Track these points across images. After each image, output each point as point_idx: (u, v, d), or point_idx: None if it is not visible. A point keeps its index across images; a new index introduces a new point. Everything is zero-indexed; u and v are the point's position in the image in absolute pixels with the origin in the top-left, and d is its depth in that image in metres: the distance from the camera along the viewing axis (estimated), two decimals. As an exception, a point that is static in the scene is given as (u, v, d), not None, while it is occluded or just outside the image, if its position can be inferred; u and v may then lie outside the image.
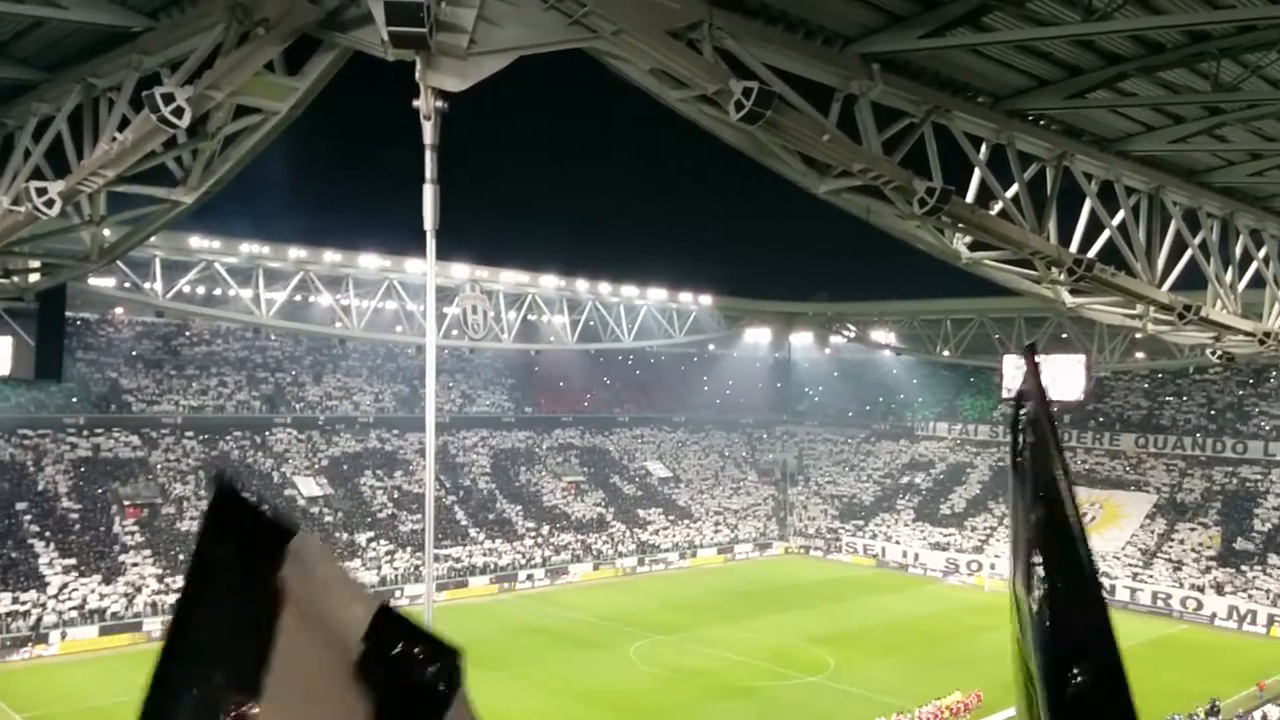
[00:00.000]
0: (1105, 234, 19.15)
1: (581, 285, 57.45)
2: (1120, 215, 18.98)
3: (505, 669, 41.56)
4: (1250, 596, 53.70)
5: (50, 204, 16.43)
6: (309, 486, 58.77)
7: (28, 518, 48.53)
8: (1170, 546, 59.11)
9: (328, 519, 56.94)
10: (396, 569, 54.85)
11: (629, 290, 59.11)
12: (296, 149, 48.65)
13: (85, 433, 54.78)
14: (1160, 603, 55.55)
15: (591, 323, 59.87)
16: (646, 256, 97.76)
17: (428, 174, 10.94)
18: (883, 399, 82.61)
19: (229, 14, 13.32)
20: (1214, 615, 53.61)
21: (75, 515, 49.94)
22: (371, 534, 56.78)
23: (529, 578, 59.42)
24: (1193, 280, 21.28)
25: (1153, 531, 60.70)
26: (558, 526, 64.20)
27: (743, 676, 41.72)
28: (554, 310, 58.91)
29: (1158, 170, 19.34)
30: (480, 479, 66.34)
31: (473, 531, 60.69)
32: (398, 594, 53.50)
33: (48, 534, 48.06)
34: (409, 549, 56.29)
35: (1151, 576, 57.13)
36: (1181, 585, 55.81)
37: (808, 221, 75.89)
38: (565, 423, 75.65)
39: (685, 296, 62.13)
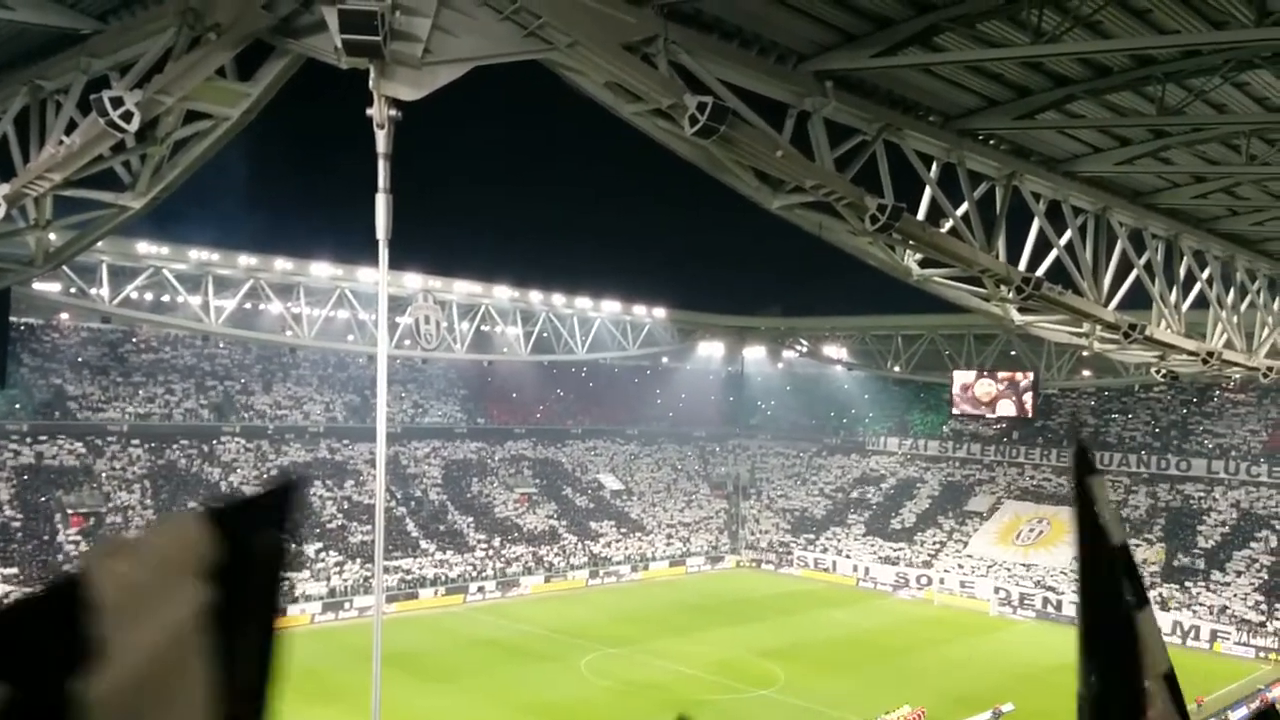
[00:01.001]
0: (1053, 253, 19.51)
1: (535, 297, 57.30)
2: (1068, 235, 19.34)
3: (455, 681, 41.20)
4: (1194, 612, 54.64)
5: (-7, 207, 16.14)
6: (257, 497, 57.86)
7: (-35, 527, 47.38)
8: (1115, 561, 60.01)
9: (276, 530, 56.10)
10: (346, 580, 54.21)
11: (583, 302, 59.06)
12: (248, 154, 48.20)
13: (28, 440, 53.59)
14: (1105, 616, 56.33)
15: (545, 334, 59.72)
16: (600, 269, 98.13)
17: (381, 182, 10.90)
18: (834, 414, 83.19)
19: (180, 18, 13.18)
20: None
21: (17, 524, 48.83)
22: (321, 545, 56.06)
23: (480, 590, 59.00)
24: (1138, 300, 21.73)
25: (1098, 546, 61.58)
26: (509, 538, 63.85)
27: (694, 690, 41.70)
28: (507, 321, 58.69)
29: (1104, 191, 19.73)
30: (432, 490, 65.82)
31: (423, 543, 60.18)
32: (346, 605, 52.88)
33: (-14, 544, 46.95)
34: (359, 560, 55.66)
35: (1096, 591, 57.94)
36: (1126, 599, 56.62)
37: (761, 236, 76.55)
38: (518, 434, 75.32)
39: (639, 309, 62.20)
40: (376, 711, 11.07)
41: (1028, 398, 53.94)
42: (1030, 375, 53.76)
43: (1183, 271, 22.41)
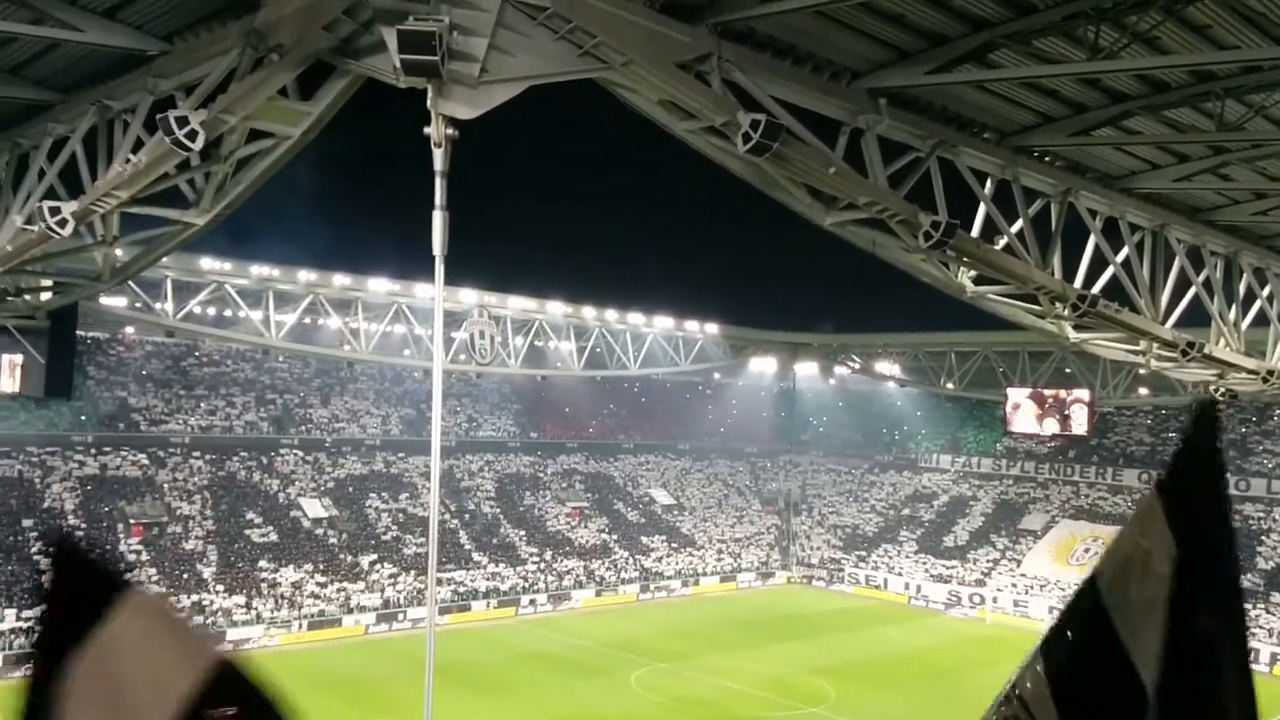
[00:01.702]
0: (1109, 270, 19.26)
1: (588, 312, 57.57)
2: (1124, 252, 19.09)
3: (506, 695, 41.38)
4: (1253, 635, 53.31)
5: (63, 224, 16.62)
6: (314, 508, 58.76)
7: (34, 535, 48.57)
8: (1175, 583, 58.75)
9: (332, 540, 56.89)
10: (399, 591, 54.73)
11: (635, 318, 59.22)
12: (309, 173, 49.11)
13: (93, 451, 54.90)
14: (1165, 640, 55.15)
15: (598, 350, 59.95)
16: (653, 285, 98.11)
17: (438, 200, 11.10)
18: (886, 430, 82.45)
19: (244, 40, 13.52)
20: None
21: (81, 533, 49.88)
22: (375, 556, 56.69)
23: (531, 603, 59.22)
24: (1196, 317, 21.35)
25: (1157, 568, 60.36)
26: (561, 552, 64.04)
27: (744, 706, 41.48)
28: (561, 337, 59.02)
29: (1162, 208, 19.47)
30: (484, 503, 66.26)
31: (476, 555, 60.56)
32: (400, 617, 53.36)
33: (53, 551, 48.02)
34: (412, 572, 56.16)
35: (1156, 613, 56.76)
36: (1186, 622, 55.42)
37: (813, 253, 76.09)
38: (570, 449, 75.60)
39: (691, 325, 62.21)
40: (429, 722, 11.18)
41: (1083, 416, 53.04)
42: (1086, 393, 52.86)
43: (1242, 289, 22.00)
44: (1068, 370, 55.42)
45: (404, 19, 11.56)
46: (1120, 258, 19.09)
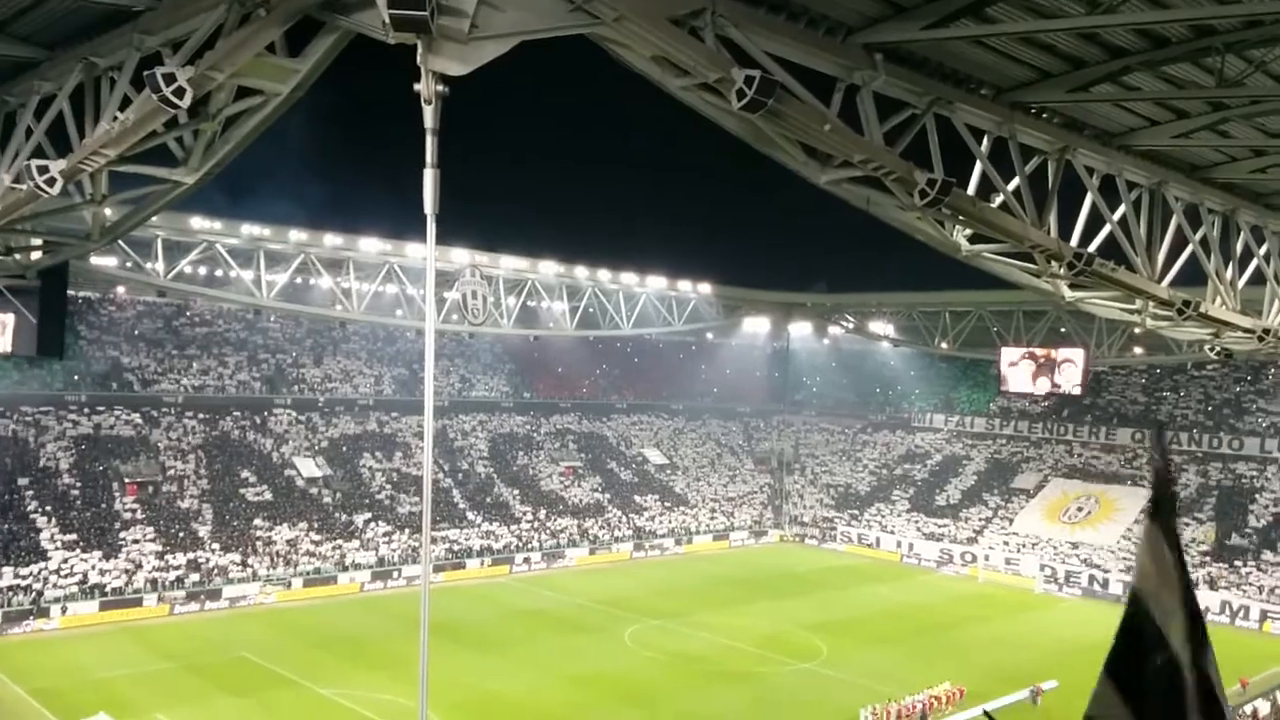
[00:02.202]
0: (1106, 228, 19.15)
1: (581, 272, 57.42)
2: (1121, 210, 18.97)
3: (501, 652, 41.75)
4: (1244, 592, 53.88)
5: (52, 182, 16.45)
6: (308, 467, 58.88)
7: (29, 493, 48.66)
8: (1165, 541, 59.18)
9: (326, 499, 57.06)
10: (394, 550, 55.02)
11: (628, 278, 59.11)
12: (297, 130, 48.65)
13: (87, 410, 54.88)
14: (1154, 596, 55.64)
15: (590, 309, 59.87)
16: (646, 244, 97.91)
17: (428, 158, 10.95)
18: (880, 390, 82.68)
19: (231, -6, 13.30)
20: (1207, 610, 53.70)
21: (76, 492, 50.07)
22: (370, 515, 56.91)
23: (525, 561, 59.61)
24: (1193, 276, 21.28)
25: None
26: (555, 511, 64.35)
27: (736, 662, 41.91)
28: (553, 297, 58.93)
29: (1160, 165, 19.33)
30: (478, 463, 66.46)
31: (470, 515, 60.84)
32: (395, 575, 53.70)
33: (49, 509, 48.19)
34: (407, 531, 56.46)
35: (1146, 570, 57.22)
36: (1176, 579, 55.89)
37: (808, 211, 75.85)
38: (563, 408, 75.75)
39: (684, 285, 62.12)
40: (424, 678, 11.22)
41: (1077, 375, 53.13)
42: (1080, 352, 52.95)
43: (1239, 247, 21.88)
44: (1063, 330, 55.52)
45: (393, -28, 11.36)
46: (1117, 216, 18.97)
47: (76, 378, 55.70)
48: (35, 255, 24.77)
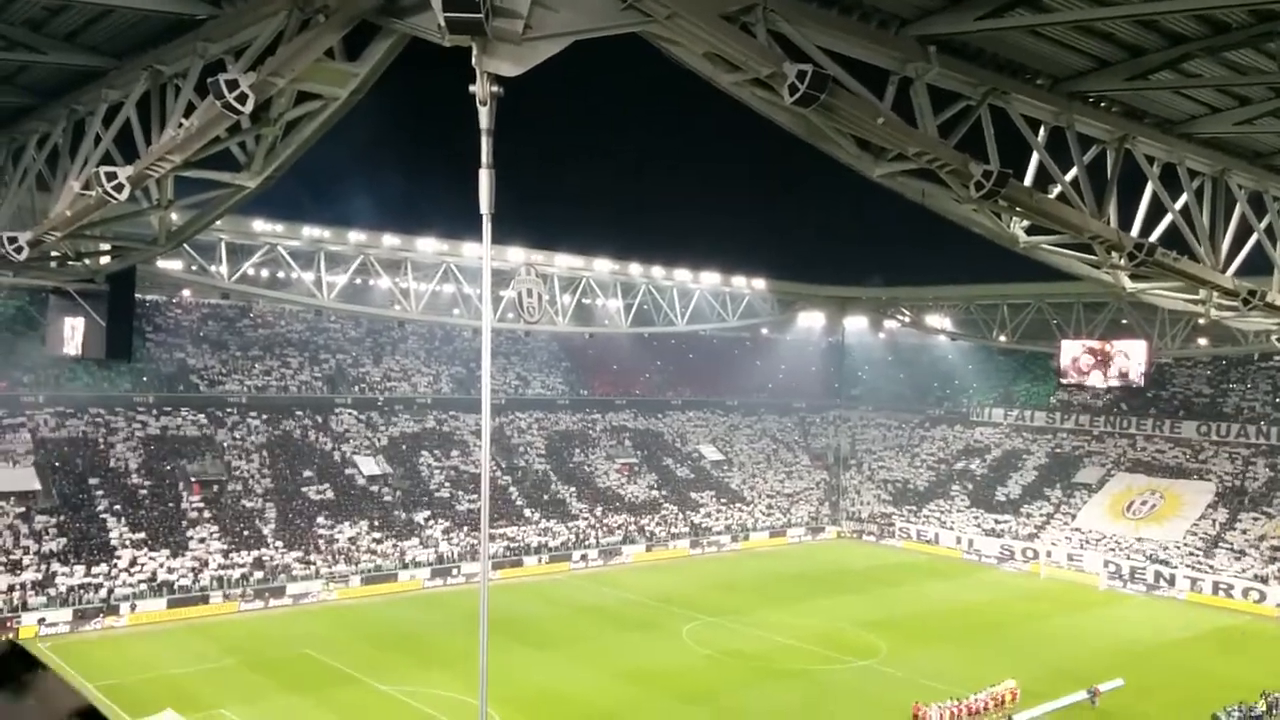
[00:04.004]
0: (1167, 218, 18.84)
1: (635, 269, 57.54)
2: (1183, 199, 18.64)
3: (559, 648, 42.02)
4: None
5: (120, 188, 16.92)
6: (369, 466, 59.72)
7: (100, 493, 49.93)
8: (1232, 536, 57.95)
9: (387, 497, 57.83)
10: (454, 547, 55.60)
11: (682, 274, 59.08)
12: (357, 133, 49.32)
13: (154, 411, 56.18)
14: (1221, 592, 54.51)
15: (645, 306, 59.99)
16: (700, 241, 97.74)
17: (484, 158, 11.12)
18: (937, 384, 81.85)
19: (291, 2, 13.59)
20: (1278, 606, 52.54)
21: (144, 491, 51.28)
22: (429, 513, 57.59)
23: (583, 558, 59.90)
24: (1258, 265, 20.84)
25: (1214, 520, 59.53)
26: (611, 508, 64.59)
27: (794, 659, 41.78)
28: (608, 294, 59.13)
29: (1222, 153, 18.95)
30: (535, 460, 66.91)
31: (528, 512, 61.28)
32: (454, 572, 54.28)
33: (118, 509, 49.41)
34: (465, 528, 57.03)
35: (1213, 566, 56.08)
36: (1244, 575, 54.73)
37: (862, 205, 75.24)
38: (619, 405, 75.98)
39: (738, 280, 61.94)
40: (484, 675, 11.40)
41: (1139, 367, 52.19)
42: (1143, 344, 51.99)
43: (1307, 235, 21.42)
44: (1124, 321, 54.54)
45: (448, -24, 11.55)
46: (1179, 205, 18.64)
47: (144, 379, 57.05)
48: (104, 260, 25.47)
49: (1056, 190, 16.70)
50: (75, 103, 19.73)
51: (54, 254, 24.72)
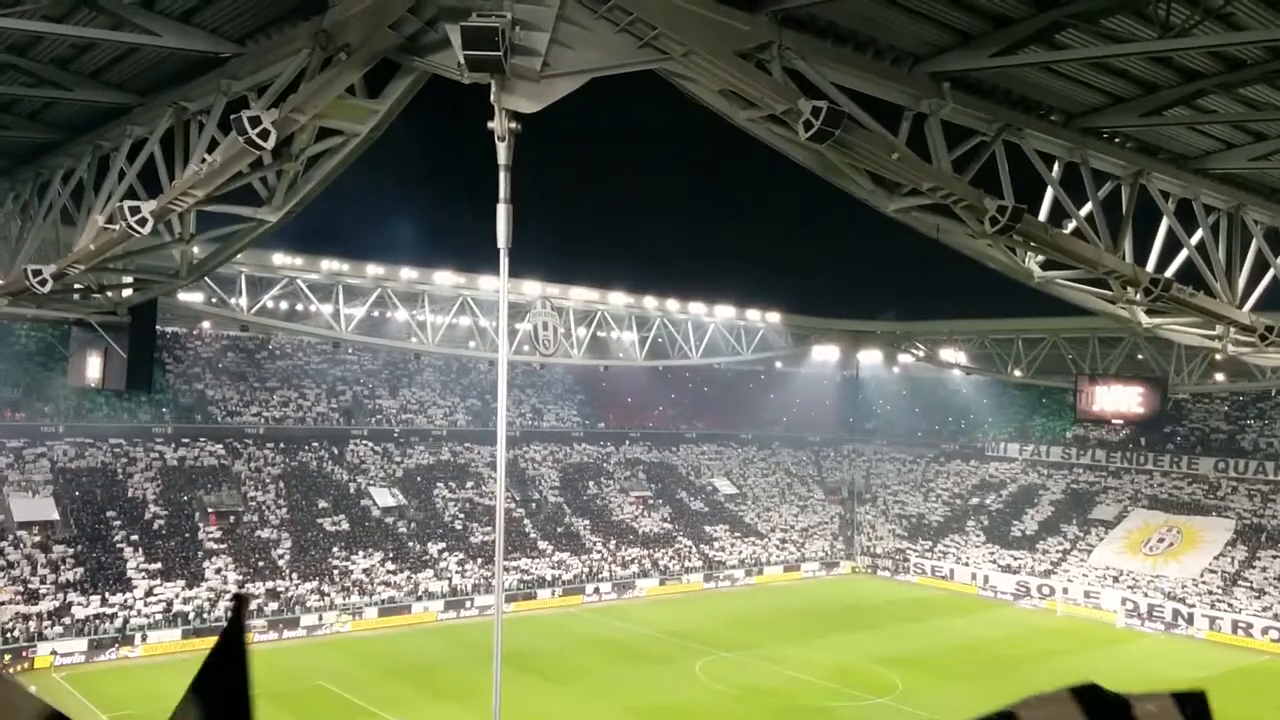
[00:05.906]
0: (1183, 253, 18.87)
1: (650, 303, 57.72)
2: (1199, 234, 18.68)
3: (571, 682, 41.79)
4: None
5: (143, 222, 17.17)
6: (384, 497, 59.78)
7: (117, 523, 50.10)
8: (1252, 574, 57.33)
9: (401, 529, 57.82)
10: (467, 579, 55.48)
11: (697, 308, 59.23)
12: (376, 168, 49.80)
13: (172, 442, 56.46)
14: (1241, 631, 53.87)
15: (660, 339, 60.10)
16: (714, 274, 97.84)
17: (501, 193, 11.28)
18: (952, 419, 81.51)
19: (313, 40, 13.85)
20: (1301, 644, 51.89)
21: (161, 521, 51.43)
22: (444, 545, 57.53)
23: (596, 591, 59.65)
24: (1276, 300, 20.82)
25: (1233, 558, 58.93)
26: (625, 541, 64.38)
27: (809, 696, 41.42)
28: (623, 327, 59.30)
29: (1238, 188, 19.01)
30: (549, 492, 66.84)
31: (541, 544, 61.14)
32: (468, 604, 54.13)
33: (135, 539, 49.55)
34: (479, 560, 56.93)
35: (1231, 605, 55.45)
36: (1264, 614, 54.07)
37: (877, 240, 75.32)
38: (633, 438, 75.91)
39: (753, 314, 62.05)
40: (497, 709, 11.41)
41: (1156, 402, 51.94)
42: (1159, 379, 51.76)
43: (1324, 271, 21.39)
44: (1140, 356, 54.36)
45: (467, 15, 11.78)
46: (1194, 240, 18.67)
47: (163, 410, 57.39)
48: (126, 292, 25.75)
49: (1071, 225, 16.76)
50: (100, 138, 20.07)
51: (77, 286, 25.01)
